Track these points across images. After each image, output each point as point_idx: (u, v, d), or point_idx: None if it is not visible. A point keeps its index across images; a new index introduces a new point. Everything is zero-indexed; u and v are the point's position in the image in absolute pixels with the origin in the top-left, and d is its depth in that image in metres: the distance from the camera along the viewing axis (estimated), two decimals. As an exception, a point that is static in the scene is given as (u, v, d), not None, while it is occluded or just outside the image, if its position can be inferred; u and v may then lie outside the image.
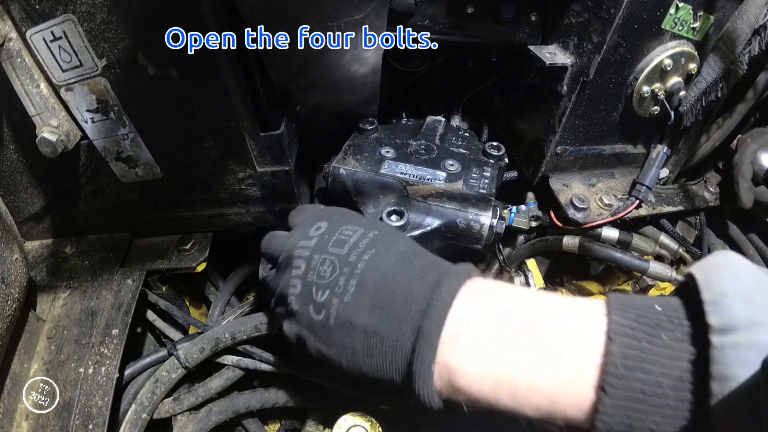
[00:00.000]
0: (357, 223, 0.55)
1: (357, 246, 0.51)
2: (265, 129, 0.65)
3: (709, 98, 0.75)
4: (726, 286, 0.36)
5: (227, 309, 0.83)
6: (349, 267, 0.49)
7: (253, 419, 0.75)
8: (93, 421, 0.61)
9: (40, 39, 0.54)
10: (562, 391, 0.40)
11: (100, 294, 0.71)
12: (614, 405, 0.37)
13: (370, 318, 0.46)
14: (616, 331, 0.38)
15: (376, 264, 0.49)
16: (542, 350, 0.41)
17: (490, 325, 0.43)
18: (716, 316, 0.35)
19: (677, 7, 0.65)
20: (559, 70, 0.72)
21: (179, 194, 0.73)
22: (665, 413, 0.36)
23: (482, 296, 0.46)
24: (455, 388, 0.44)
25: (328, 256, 0.51)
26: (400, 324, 0.45)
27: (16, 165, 0.68)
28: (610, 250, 0.80)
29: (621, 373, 0.37)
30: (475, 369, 0.42)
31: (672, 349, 0.37)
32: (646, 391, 0.36)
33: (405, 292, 0.46)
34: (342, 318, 0.47)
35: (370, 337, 0.46)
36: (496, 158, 0.81)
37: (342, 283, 0.48)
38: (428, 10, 0.74)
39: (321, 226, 0.55)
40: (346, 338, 0.47)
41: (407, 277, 0.47)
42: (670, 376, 0.36)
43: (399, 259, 0.49)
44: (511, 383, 0.41)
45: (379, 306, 0.46)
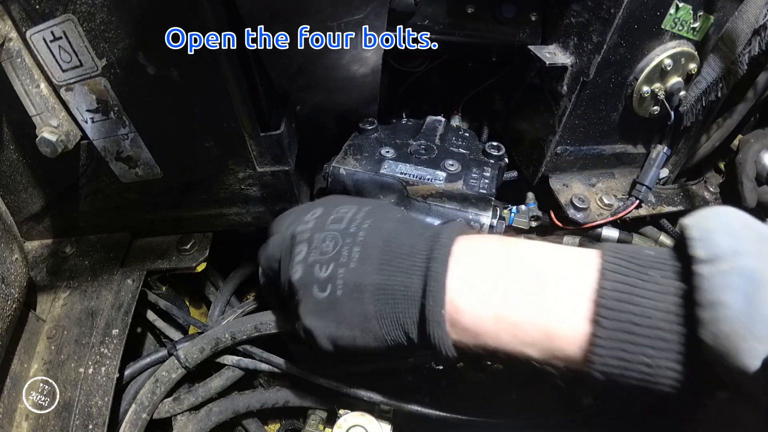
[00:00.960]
0: (350, 202, 0.57)
1: (355, 219, 0.53)
2: (265, 129, 0.65)
3: (709, 98, 0.75)
4: (711, 224, 0.38)
5: (227, 309, 0.83)
6: (350, 237, 0.51)
7: (253, 419, 0.75)
8: (93, 421, 0.61)
9: (40, 39, 0.54)
10: (558, 324, 0.41)
11: (100, 294, 0.71)
12: (608, 336, 0.38)
13: (378, 275, 0.47)
14: (608, 268, 0.40)
15: (376, 230, 0.51)
16: (538, 286, 0.43)
17: (489, 266, 0.45)
18: (702, 249, 0.36)
19: (677, 7, 0.65)
20: (559, 70, 0.72)
21: (179, 194, 0.73)
22: (658, 345, 0.37)
23: (479, 243, 0.48)
24: (462, 328, 0.45)
25: (328, 233, 0.52)
26: (408, 274, 0.47)
27: (16, 165, 0.68)
28: (610, 250, 0.80)
29: (612, 304, 0.38)
30: (479, 306, 0.44)
31: (661, 284, 0.38)
32: (638, 322, 0.37)
33: (408, 248, 0.48)
34: (350, 284, 0.48)
35: (381, 294, 0.47)
36: (496, 158, 0.81)
37: (346, 252, 0.50)
38: (428, 10, 0.74)
39: (316, 211, 0.56)
40: (356, 305, 0.48)
41: (408, 236, 0.50)
42: (660, 308, 0.37)
43: (397, 223, 0.52)
44: (511, 318, 0.43)
45: (386, 264, 0.48)
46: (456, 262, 0.46)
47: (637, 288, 0.38)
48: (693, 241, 0.37)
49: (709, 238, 0.37)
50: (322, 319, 0.50)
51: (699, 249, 0.36)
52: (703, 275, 0.35)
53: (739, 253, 0.35)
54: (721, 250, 0.35)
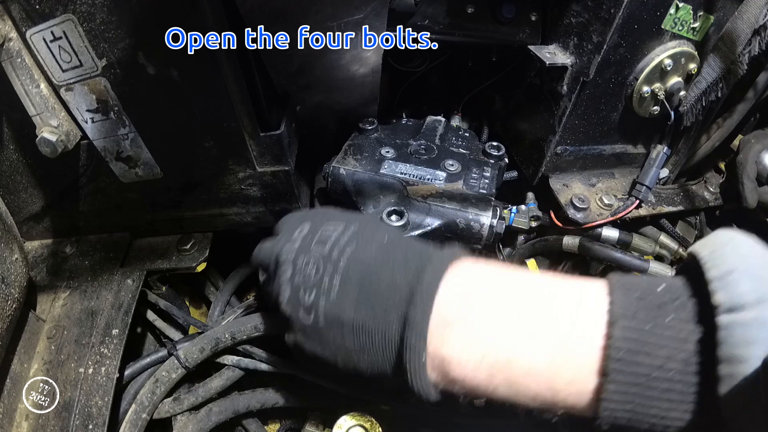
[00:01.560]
0: (338, 218, 0.54)
1: (338, 242, 0.50)
2: (265, 129, 0.65)
3: (709, 98, 0.75)
4: (731, 262, 0.34)
5: (227, 309, 0.83)
6: (331, 264, 0.48)
7: (253, 419, 0.75)
8: (93, 421, 0.61)
9: (40, 39, 0.54)
10: (562, 377, 0.37)
11: (100, 294, 0.71)
12: (618, 391, 0.35)
13: (356, 313, 0.45)
14: (618, 313, 0.36)
15: (357, 258, 0.47)
16: (539, 334, 0.38)
17: (482, 309, 0.41)
18: (723, 294, 0.33)
19: (677, 7, 0.65)
20: (559, 70, 0.72)
21: (179, 194, 0.73)
22: (671, 398, 0.34)
23: (470, 279, 0.43)
24: (450, 379, 0.42)
25: (311, 256, 0.50)
26: (386, 315, 0.43)
27: (16, 165, 0.68)
28: (610, 250, 0.80)
29: (624, 357, 0.35)
30: (469, 357, 0.40)
31: (677, 330, 0.35)
32: (652, 375, 0.34)
33: (388, 283, 0.44)
34: (330, 317, 0.46)
35: (359, 333, 0.45)
36: (496, 158, 0.81)
37: (327, 281, 0.47)
38: (428, 10, 0.74)
39: (304, 228, 0.54)
40: (337, 337, 0.46)
41: (390, 267, 0.46)
42: (676, 359, 0.34)
43: (380, 250, 0.48)
44: (507, 370, 0.39)
45: (364, 300, 0.45)
46: (441, 303, 0.41)
47: (649, 337, 0.35)
48: (710, 283, 0.34)
49: (730, 283, 0.33)
50: (308, 341, 0.50)
51: (719, 294, 0.33)
52: (723, 326, 0.32)
53: (763, 302, 0.32)
54: (743, 297, 0.32)
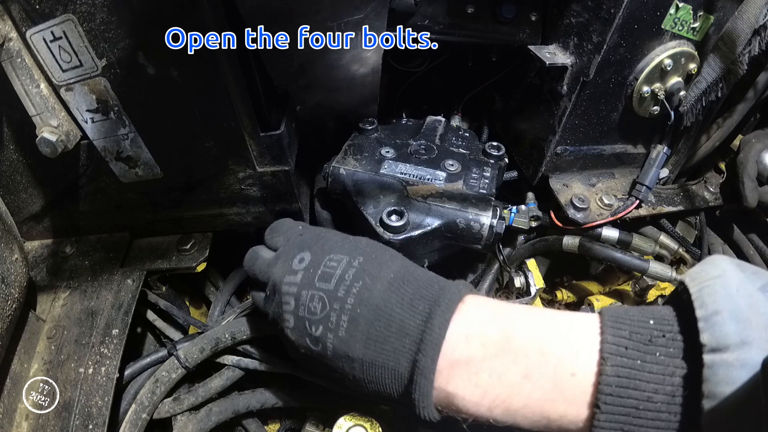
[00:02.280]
0: (340, 250, 0.55)
1: (344, 279, 0.51)
2: (265, 129, 0.65)
3: (709, 98, 0.75)
4: (718, 302, 0.37)
5: (227, 309, 0.83)
6: (338, 303, 0.49)
7: (253, 419, 0.75)
8: (93, 421, 0.61)
9: (40, 39, 0.54)
10: (557, 410, 0.41)
11: (100, 294, 0.71)
12: (608, 419, 0.39)
13: (366, 352, 0.48)
14: (609, 351, 0.40)
15: (365, 297, 0.49)
16: (536, 373, 0.42)
17: (484, 351, 0.45)
18: (708, 334, 0.36)
19: (677, 7, 0.65)
20: (559, 70, 0.72)
21: (179, 194, 0.73)
22: (657, 425, 0.37)
23: (475, 322, 0.47)
24: (455, 410, 0.46)
25: (316, 292, 0.51)
26: (397, 356, 0.47)
27: (16, 165, 0.68)
28: (610, 250, 0.80)
29: (614, 391, 0.38)
30: (472, 393, 0.44)
31: (665, 365, 0.38)
32: (639, 407, 0.38)
33: (398, 326, 0.47)
34: (339, 352, 0.49)
35: (368, 367, 0.48)
36: (496, 158, 0.81)
37: (334, 319, 0.49)
38: (428, 10, 0.74)
39: (304, 258, 0.55)
40: (345, 367, 0.50)
41: (399, 309, 0.48)
42: (663, 391, 0.37)
43: (388, 289, 0.50)
44: (506, 404, 0.43)
45: (374, 340, 0.48)
46: (448, 349, 0.45)
47: (638, 372, 0.38)
48: (699, 322, 0.37)
49: (715, 322, 0.36)
50: (314, 363, 0.53)
51: (705, 333, 0.36)
52: (708, 365, 0.35)
53: (745, 344, 0.34)
54: (727, 338, 0.35)
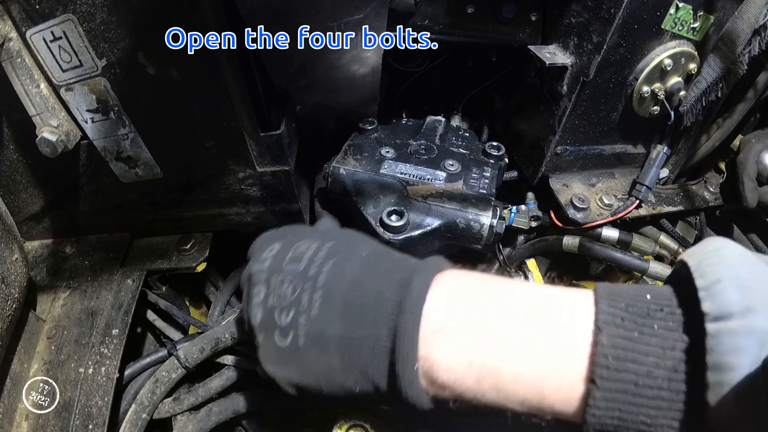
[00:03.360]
0: (311, 237, 0.52)
1: (314, 259, 0.48)
2: (265, 129, 0.65)
3: (709, 98, 0.75)
4: (719, 271, 0.35)
5: (227, 309, 0.83)
6: (310, 282, 0.46)
7: (253, 419, 0.75)
8: (93, 421, 0.61)
9: (40, 39, 0.54)
10: (550, 383, 0.38)
11: (100, 294, 0.71)
12: (605, 398, 0.36)
13: (342, 326, 0.44)
14: (605, 321, 0.37)
15: (338, 273, 0.46)
16: (526, 340, 0.39)
17: (469, 317, 0.41)
18: (711, 303, 0.33)
19: (677, 7, 0.65)
20: (559, 70, 0.72)
21: (179, 194, 0.73)
22: (659, 405, 0.35)
23: (456, 288, 0.44)
24: (439, 385, 0.42)
25: (286, 275, 0.48)
26: (376, 326, 0.42)
27: (16, 165, 0.68)
28: (610, 250, 0.80)
29: (611, 364, 0.35)
30: (457, 363, 0.40)
31: (664, 338, 0.35)
32: (639, 383, 0.35)
33: (375, 294, 0.44)
34: (313, 334, 0.45)
35: (346, 347, 0.44)
36: (496, 158, 0.81)
37: (306, 299, 0.46)
38: (428, 10, 0.74)
39: (274, 247, 0.52)
40: (320, 356, 0.45)
41: (374, 280, 0.45)
42: (664, 366, 0.35)
43: (362, 264, 0.47)
44: (494, 376, 0.39)
45: (350, 312, 0.44)
46: (430, 312, 0.41)
47: (636, 344, 0.35)
48: (699, 291, 0.35)
49: (717, 290, 0.34)
50: (284, 368, 0.47)
51: (706, 302, 0.33)
52: (711, 334, 0.33)
53: (750, 311, 0.32)
54: (730, 306, 0.33)
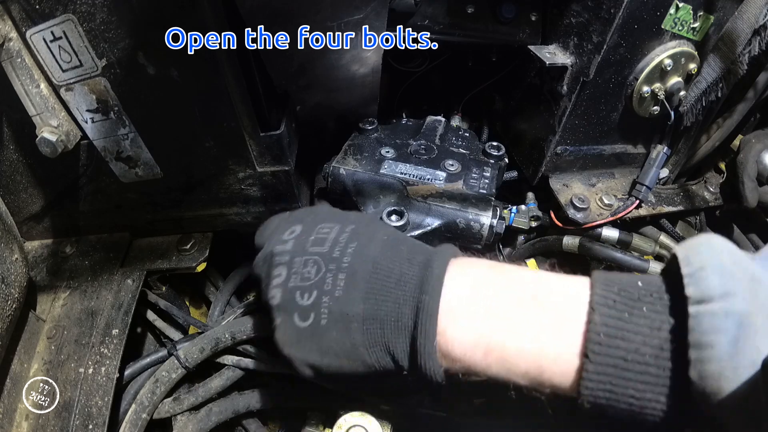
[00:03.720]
0: (332, 219, 0.55)
1: (338, 241, 0.51)
2: (265, 129, 0.65)
3: (709, 98, 0.75)
4: (703, 260, 0.38)
5: (227, 309, 0.83)
6: (334, 263, 0.49)
7: (253, 419, 0.75)
8: (93, 421, 0.61)
9: (40, 39, 0.54)
10: (548, 357, 0.42)
11: (100, 294, 0.71)
12: (597, 371, 0.39)
13: (366, 305, 0.47)
14: (599, 302, 0.41)
15: (362, 255, 0.49)
16: (529, 319, 0.43)
17: (480, 298, 0.45)
18: (693, 287, 0.37)
19: (677, 7, 0.65)
20: (559, 70, 0.72)
21: (179, 194, 0.73)
22: (646, 380, 0.38)
23: (471, 272, 0.48)
24: (452, 358, 0.46)
25: (310, 257, 0.50)
26: (398, 305, 0.46)
27: (16, 165, 0.68)
28: (610, 250, 0.80)
29: (603, 340, 0.39)
30: (468, 338, 0.44)
31: (652, 319, 0.39)
32: (628, 358, 0.38)
33: (397, 276, 0.47)
34: (336, 313, 0.47)
35: (369, 324, 0.47)
36: (496, 158, 0.81)
37: (330, 279, 0.48)
38: (428, 10, 0.74)
39: (295, 230, 0.54)
40: (343, 334, 0.47)
41: (396, 262, 0.48)
42: (650, 344, 0.38)
43: (384, 247, 0.50)
44: (500, 350, 0.43)
45: (374, 292, 0.47)
46: (448, 292, 0.46)
47: (627, 324, 0.39)
48: (684, 278, 0.38)
49: (700, 277, 0.37)
50: (303, 349, 0.49)
51: (690, 287, 0.37)
52: (693, 315, 0.36)
53: (729, 295, 0.35)
54: (711, 290, 0.36)
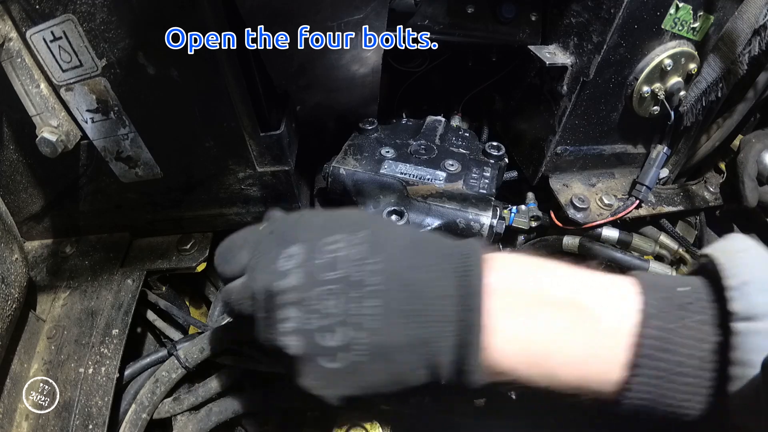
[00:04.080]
0: (333, 229, 0.46)
1: (353, 260, 0.43)
2: (265, 129, 0.65)
3: (709, 98, 0.75)
4: (747, 273, 0.38)
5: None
6: (356, 289, 0.42)
7: (253, 419, 0.75)
8: (93, 421, 0.61)
9: (40, 39, 0.54)
10: (593, 368, 0.41)
11: (100, 294, 0.71)
12: (642, 382, 0.39)
13: (407, 332, 0.42)
14: (649, 313, 0.40)
15: (386, 273, 0.43)
16: (573, 328, 0.42)
17: (521, 306, 0.43)
18: (739, 303, 0.37)
19: (677, 7, 0.65)
20: (559, 70, 0.72)
21: (179, 194, 0.73)
22: (688, 390, 0.39)
23: (509, 278, 0.44)
24: (494, 372, 0.43)
25: (324, 288, 0.42)
26: (442, 323, 0.42)
27: (16, 165, 0.68)
28: (610, 250, 0.80)
29: (652, 354, 0.39)
30: (512, 349, 0.42)
31: (698, 331, 0.39)
32: (673, 371, 0.39)
33: (436, 290, 0.42)
34: (375, 347, 0.42)
35: (413, 351, 0.42)
36: (496, 158, 0.80)
37: (356, 310, 0.42)
38: (428, 10, 0.74)
39: (293, 254, 0.44)
40: (386, 365, 0.43)
41: (428, 275, 0.43)
42: (695, 357, 0.39)
43: (408, 255, 0.44)
44: (544, 362, 0.42)
45: (412, 315, 0.42)
46: (489, 300, 0.42)
47: (674, 336, 0.39)
48: (728, 290, 0.38)
49: (746, 292, 0.37)
50: (337, 387, 0.45)
51: (735, 302, 0.37)
52: (739, 333, 0.36)
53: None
54: (757, 307, 0.36)
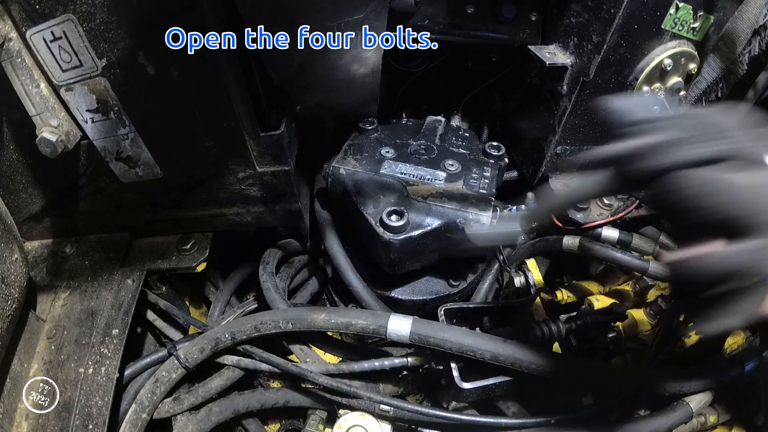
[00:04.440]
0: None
1: None
2: (265, 129, 0.65)
3: (709, 98, 0.75)
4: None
5: (227, 309, 0.83)
6: None
7: (253, 419, 0.75)
8: (93, 421, 0.61)
9: (40, 39, 0.54)
10: None
11: (100, 294, 0.71)
12: None
13: None
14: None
15: None
16: None
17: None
18: None
19: (677, 7, 0.65)
20: (559, 70, 0.72)
21: (179, 194, 0.73)
22: None
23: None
24: None
25: None
26: None
27: (16, 165, 0.68)
28: (610, 250, 0.80)
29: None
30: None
31: None
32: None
33: None
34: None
35: None
36: (496, 158, 0.81)
37: None
38: (428, 10, 0.74)
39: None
40: None
41: None
42: None
43: None
44: None
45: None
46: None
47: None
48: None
49: None
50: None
51: None
52: None
53: None
54: None
